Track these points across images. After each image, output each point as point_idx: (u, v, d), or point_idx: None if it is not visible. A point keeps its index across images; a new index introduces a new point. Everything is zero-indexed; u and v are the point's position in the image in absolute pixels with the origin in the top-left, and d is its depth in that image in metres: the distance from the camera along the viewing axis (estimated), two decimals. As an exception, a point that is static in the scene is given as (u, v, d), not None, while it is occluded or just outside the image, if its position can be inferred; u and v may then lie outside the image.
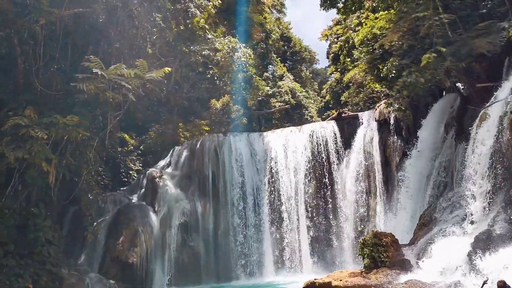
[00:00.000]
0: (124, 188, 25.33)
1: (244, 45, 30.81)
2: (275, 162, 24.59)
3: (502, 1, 15.42)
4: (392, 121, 22.23)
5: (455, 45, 15.34)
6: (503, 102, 12.87)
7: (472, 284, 10.73)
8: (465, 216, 13.12)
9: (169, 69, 18.16)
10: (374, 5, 25.39)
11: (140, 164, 27.85)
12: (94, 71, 15.34)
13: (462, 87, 18.08)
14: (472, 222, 12.74)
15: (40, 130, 14.87)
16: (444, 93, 20.58)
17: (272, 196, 24.13)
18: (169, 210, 22.54)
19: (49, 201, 17.22)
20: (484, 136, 13.01)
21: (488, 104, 13.71)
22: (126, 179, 26.51)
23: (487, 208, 12.32)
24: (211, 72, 31.24)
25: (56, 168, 15.96)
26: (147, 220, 21.76)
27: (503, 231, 11.10)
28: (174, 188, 23.58)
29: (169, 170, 25.10)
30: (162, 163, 26.09)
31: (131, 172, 26.87)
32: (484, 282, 9.44)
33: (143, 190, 23.95)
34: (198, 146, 24.92)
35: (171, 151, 26.26)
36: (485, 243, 11.22)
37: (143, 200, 23.31)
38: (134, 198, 23.74)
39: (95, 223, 20.08)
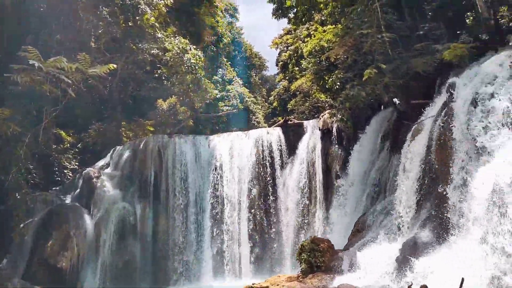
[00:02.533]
0: (57, 188, 23.85)
1: (194, 46, 30.49)
2: (220, 166, 24.53)
3: (438, 24, 16.70)
4: (334, 131, 23.09)
5: (395, 63, 16.35)
6: (433, 118, 13.85)
7: (399, 288, 11.40)
8: (395, 224, 13.94)
9: (115, 65, 17.58)
10: (322, 18, 26.43)
11: (77, 163, 26.32)
12: (30, 62, 14.43)
13: (399, 102, 19.24)
14: (400, 230, 13.56)
15: (-36, 122, 13.69)
16: (382, 107, 21.77)
17: (215, 200, 24.01)
18: (106, 212, 21.59)
19: (-29, 199, 15.85)
20: (415, 149, 13.90)
21: (420, 120, 14.70)
22: (59, 179, 24.91)
23: (414, 217, 13.18)
24: (159, 72, 30.56)
25: (-19, 163, 14.75)
26: (81, 222, 20.67)
27: (427, 239, 11.90)
28: (113, 189, 22.65)
29: (108, 170, 24.09)
30: (101, 163, 24.97)
31: (65, 171, 25.27)
32: (409, 287, 10.10)
33: (78, 190, 22.78)
34: (141, 146, 24.20)
35: (112, 150, 25.25)
36: (411, 249, 11.96)
37: (78, 201, 22.13)
38: (68, 199, 22.46)
39: (22, 224, 18.70)
